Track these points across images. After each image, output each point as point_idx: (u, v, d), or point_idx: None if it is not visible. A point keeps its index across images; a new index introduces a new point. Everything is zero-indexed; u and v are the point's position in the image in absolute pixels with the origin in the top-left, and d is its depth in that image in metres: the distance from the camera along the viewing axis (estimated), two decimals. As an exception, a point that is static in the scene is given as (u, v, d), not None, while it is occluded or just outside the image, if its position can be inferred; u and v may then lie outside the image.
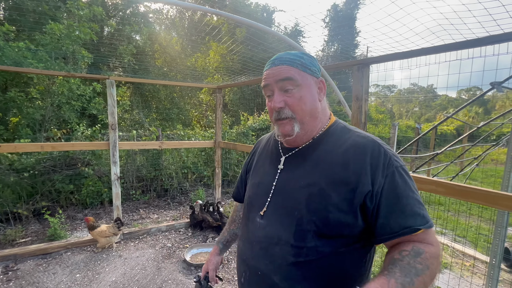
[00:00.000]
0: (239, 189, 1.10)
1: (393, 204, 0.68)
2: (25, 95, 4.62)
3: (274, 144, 0.93)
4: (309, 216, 0.73)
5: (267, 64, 0.83)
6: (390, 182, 0.69)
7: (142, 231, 3.55)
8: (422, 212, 0.68)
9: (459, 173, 6.31)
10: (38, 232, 3.56)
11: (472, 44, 1.52)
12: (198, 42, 10.16)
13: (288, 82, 0.77)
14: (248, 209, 0.90)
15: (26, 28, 5.23)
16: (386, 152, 0.73)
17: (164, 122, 8.28)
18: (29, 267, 2.78)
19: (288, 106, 0.78)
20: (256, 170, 0.95)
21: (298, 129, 0.79)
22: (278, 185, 0.82)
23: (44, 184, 4.00)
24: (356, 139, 0.77)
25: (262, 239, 0.80)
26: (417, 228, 0.66)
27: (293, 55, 0.80)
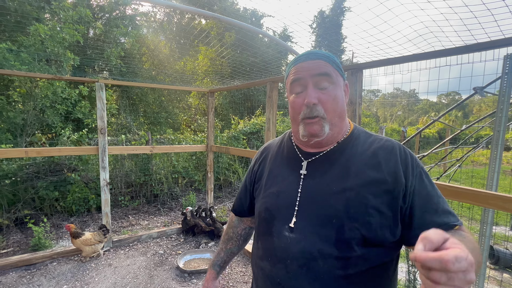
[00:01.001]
0: (242, 201, 0.98)
1: (426, 203, 0.68)
2: (5, 98, 4.42)
3: (290, 149, 0.86)
4: (351, 223, 0.67)
5: (298, 58, 0.77)
6: (419, 182, 0.70)
7: (132, 238, 3.44)
8: (452, 211, 0.70)
9: (443, 175, 6.55)
10: (20, 242, 3.38)
11: (453, 52, 1.59)
12: (186, 46, 10.09)
13: (325, 78, 0.74)
14: (267, 223, 0.79)
15: (7, 29, 5.03)
16: (411, 153, 0.74)
17: (153, 126, 8.13)
18: (12, 279, 2.63)
19: (322, 104, 0.73)
20: (271, 178, 0.84)
21: (328, 130, 0.74)
22: (306, 193, 0.75)
23: (26, 191, 3.82)
24: (381, 141, 0.76)
25: (298, 255, 0.71)
26: (453, 224, 0.67)
27: (327, 53, 0.77)
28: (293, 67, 0.78)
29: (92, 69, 6.83)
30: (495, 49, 1.50)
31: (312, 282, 0.69)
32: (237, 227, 1.04)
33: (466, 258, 0.40)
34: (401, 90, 41.44)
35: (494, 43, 1.43)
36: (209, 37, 9.64)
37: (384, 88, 52.09)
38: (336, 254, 0.68)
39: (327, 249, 0.68)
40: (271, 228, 0.78)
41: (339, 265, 0.68)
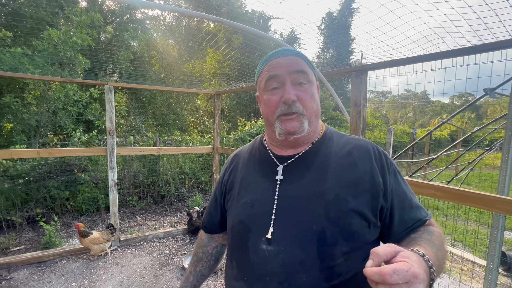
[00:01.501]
0: (213, 216, 0.89)
1: (403, 200, 0.70)
2: (20, 100, 4.58)
3: (263, 154, 0.80)
4: (332, 228, 0.64)
5: (273, 54, 0.74)
6: (395, 180, 0.71)
7: (139, 238, 3.50)
8: (420, 204, 0.73)
9: (454, 178, 6.38)
10: (32, 240, 3.49)
11: (467, 51, 1.57)
12: (195, 48, 10.22)
13: (302, 75, 0.71)
14: (242, 237, 0.72)
15: (23, 34, 5.22)
16: (384, 152, 0.75)
17: (161, 127, 8.26)
18: (23, 276, 2.71)
19: (300, 101, 0.70)
20: (244, 187, 0.77)
21: (307, 126, 0.72)
22: (283, 200, 0.69)
23: (39, 190, 3.94)
24: (354, 141, 0.76)
25: (278, 270, 0.64)
26: (425, 219, 0.70)
27: (300, 51, 0.76)
28: (268, 64, 0.73)
29: (103, 72, 7.00)
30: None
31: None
32: (207, 246, 0.94)
33: (408, 270, 0.42)
34: (411, 92, 40.69)
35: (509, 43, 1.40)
36: (217, 39, 9.73)
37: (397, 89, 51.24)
38: (319, 264, 0.63)
39: (309, 260, 0.63)
40: (247, 242, 0.70)
41: (323, 277, 0.63)
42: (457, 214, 5.23)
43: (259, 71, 0.77)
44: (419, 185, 1.76)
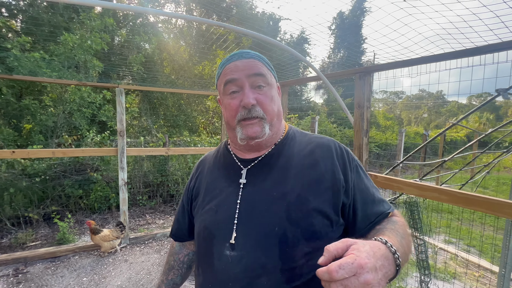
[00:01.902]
0: (180, 223, 0.88)
1: (365, 196, 0.71)
2: (38, 102, 4.80)
3: (227, 158, 0.80)
4: (293, 229, 0.64)
5: (231, 57, 0.73)
6: (357, 176, 0.72)
7: (147, 236, 3.59)
8: (383, 198, 0.73)
9: (469, 181, 6.17)
10: (47, 236, 3.65)
11: (481, 51, 1.52)
12: (205, 50, 10.37)
13: (261, 78, 0.70)
14: (207, 244, 0.71)
15: (41, 39, 5.47)
16: (345, 148, 0.75)
17: (171, 128, 8.42)
18: (38, 270, 2.85)
19: (260, 104, 0.70)
20: (209, 192, 0.77)
21: (268, 131, 0.71)
22: (246, 203, 0.69)
23: (54, 189, 4.12)
24: (316, 139, 0.76)
25: (241, 275, 0.64)
26: (388, 212, 0.70)
27: (258, 53, 0.74)
28: (226, 67, 0.72)
29: (117, 74, 7.22)
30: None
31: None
32: (179, 254, 0.92)
33: (353, 262, 0.42)
34: (426, 92, 39.56)
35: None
36: (227, 41, 9.83)
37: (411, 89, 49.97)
38: (280, 267, 0.63)
39: (271, 263, 0.63)
40: (211, 249, 0.69)
41: (284, 279, 0.63)
42: (470, 218, 5.06)
43: (218, 74, 0.76)
44: (423, 188, 1.73)
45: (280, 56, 8.32)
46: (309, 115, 7.88)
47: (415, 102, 33.56)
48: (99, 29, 5.34)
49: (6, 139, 4.27)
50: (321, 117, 8.21)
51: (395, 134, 11.41)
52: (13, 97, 4.72)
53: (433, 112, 36.86)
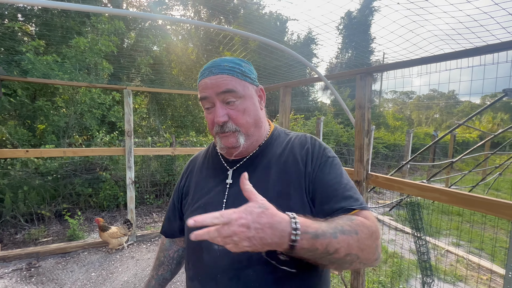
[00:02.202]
0: (171, 221, 0.92)
1: (325, 190, 0.70)
2: (51, 104, 4.97)
3: (216, 159, 0.85)
4: None
5: (203, 72, 0.75)
6: (322, 170, 0.72)
7: (154, 234, 3.68)
8: (355, 196, 0.69)
9: (480, 183, 6.03)
10: (58, 232, 3.78)
11: (495, 48, 1.48)
12: (213, 52, 10.48)
13: (230, 94, 0.72)
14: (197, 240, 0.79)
15: (54, 42, 5.66)
16: (321, 143, 0.77)
17: (179, 129, 8.55)
18: (50, 264, 2.96)
19: (232, 120, 0.73)
20: (198, 191, 0.82)
21: (243, 141, 0.75)
22: (231, 202, 0.74)
23: (65, 187, 4.26)
24: (297, 138, 0.80)
25: (228, 268, 0.69)
26: (350, 208, 0.66)
27: (231, 62, 0.74)
28: (199, 83, 0.76)
29: (127, 76, 7.40)
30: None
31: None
32: (169, 250, 0.96)
33: (231, 214, 0.52)
34: (438, 92, 38.69)
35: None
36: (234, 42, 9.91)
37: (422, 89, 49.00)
38: (264, 259, 0.66)
39: (256, 255, 0.67)
40: (201, 244, 0.74)
41: (269, 270, 0.66)
42: (480, 221, 4.95)
43: (198, 88, 0.80)
44: (424, 188, 1.73)
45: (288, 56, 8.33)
46: (315, 116, 7.86)
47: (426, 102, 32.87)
48: (109, 32, 5.50)
49: (21, 139, 4.45)
50: (328, 117, 8.17)
51: (404, 135, 11.24)
52: (28, 99, 4.91)
53: (445, 113, 36.02)
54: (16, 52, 4.71)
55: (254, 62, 6.69)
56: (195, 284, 0.76)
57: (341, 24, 15.02)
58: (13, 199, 3.82)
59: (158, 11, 8.73)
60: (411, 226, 2.15)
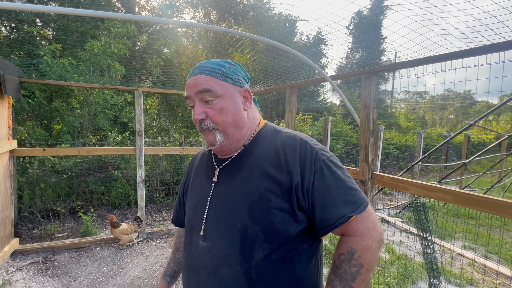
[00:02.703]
0: (179, 212, 1.00)
1: (325, 197, 0.69)
2: (67, 105, 5.17)
3: (209, 158, 0.88)
4: (254, 226, 0.70)
5: (189, 74, 0.80)
6: (319, 177, 0.70)
7: (163, 231, 3.77)
8: (353, 198, 0.70)
9: (495, 185, 5.84)
10: (73, 228, 3.93)
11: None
12: (222, 53, 10.60)
13: (207, 94, 0.75)
14: (189, 233, 0.82)
15: (70, 46, 5.89)
16: (312, 148, 0.74)
17: (189, 129, 8.69)
18: (64, 258, 3.09)
19: (209, 118, 0.76)
20: (193, 188, 0.87)
21: (221, 139, 0.77)
22: (215, 200, 0.77)
23: (79, 185, 4.42)
24: (285, 139, 0.77)
25: (208, 264, 0.73)
26: (349, 216, 0.68)
27: (213, 64, 0.77)
28: (186, 83, 0.80)
29: (138, 77, 7.60)
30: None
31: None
32: (182, 237, 1.03)
33: None
34: (453, 92, 37.57)
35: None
36: (243, 45, 9.99)
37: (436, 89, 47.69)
38: (240, 259, 0.70)
39: (233, 255, 0.70)
40: (191, 238, 0.80)
41: (242, 271, 0.69)
42: (495, 224, 4.80)
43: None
44: (428, 188, 1.72)
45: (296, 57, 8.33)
46: (324, 117, 7.82)
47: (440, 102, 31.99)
48: (121, 36, 5.67)
49: (38, 138, 4.65)
50: (337, 118, 8.11)
51: (415, 136, 11.01)
52: (45, 100, 5.13)
53: (460, 113, 34.94)
54: (34, 55, 4.94)
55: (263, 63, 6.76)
56: (184, 274, 0.83)
57: (351, 24, 14.86)
58: (31, 196, 4.01)
59: (169, 14, 8.91)
60: (417, 226, 2.13)
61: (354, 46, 14.61)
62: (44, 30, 6.33)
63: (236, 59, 9.34)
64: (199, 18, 10.82)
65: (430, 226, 2.11)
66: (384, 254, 3.43)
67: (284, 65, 8.72)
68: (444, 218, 4.80)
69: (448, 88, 36.23)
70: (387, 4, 14.42)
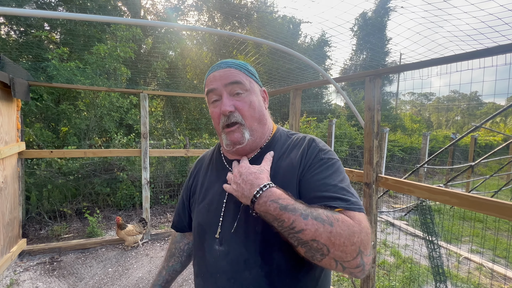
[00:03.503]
0: (181, 217, 0.95)
1: (314, 187, 0.67)
2: (73, 107, 5.26)
3: (218, 160, 0.87)
4: (271, 228, 0.67)
5: (211, 68, 0.79)
6: (316, 170, 0.70)
7: (167, 233, 3.79)
8: (346, 197, 0.64)
9: (503, 188, 5.75)
10: (79, 229, 3.98)
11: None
12: (226, 56, 10.67)
13: (237, 86, 0.75)
14: (200, 238, 0.79)
15: (77, 49, 5.99)
16: (317, 145, 0.75)
17: (193, 131, 8.74)
18: (70, 259, 3.13)
19: (238, 111, 0.75)
20: (203, 192, 0.85)
21: (249, 136, 0.76)
22: (231, 202, 0.76)
23: (85, 186, 4.48)
24: (297, 140, 0.79)
25: (227, 268, 0.72)
26: (332, 206, 0.63)
27: (238, 61, 0.79)
28: (207, 78, 0.79)
29: (144, 80, 7.69)
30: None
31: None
32: (180, 242, 0.99)
33: (235, 175, 0.72)
34: (459, 93, 37.12)
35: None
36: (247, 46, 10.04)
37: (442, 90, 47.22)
38: (260, 263, 0.69)
39: (252, 258, 0.69)
40: (203, 243, 0.77)
41: (264, 273, 0.69)
42: (503, 228, 4.72)
43: (204, 85, 0.82)
44: (433, 191, 1.71)
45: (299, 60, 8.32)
46: (328, 118, 7.80)
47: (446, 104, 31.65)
48: (127, 39, 5.75)
49: (46, 140, 4.73)
50: (341, 119, 8.08)
51: (421, 137, 10.89)
52: (52, 103, 5.22)
53: (466, 115, 34.49)
54: (42, 59, 5.03)
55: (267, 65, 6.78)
56: (199, 280, 0.80)
57: (355, 25, 14.83)
58: (38, 197, 4.07)
59: (174, 17, 9.01)
60: (422, 229, 2.11)
61: (359, 47, 14.57)
62: (52, 34, 6.45)
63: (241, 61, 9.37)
64: (203, 21, 10.91)
65: (436, 229, 2.09)
66: (390, 257, 3.40)
67: (288, 67, 8.73)
68: (451, 221, 4.73)
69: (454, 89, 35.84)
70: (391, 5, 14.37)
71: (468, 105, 33.36)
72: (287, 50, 1.94)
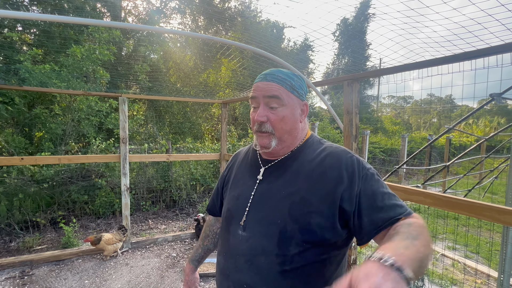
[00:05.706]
0: (215, 202, 1.09)
1: (372, 202, 0.74)
2: (49, 111, 5.02)
3: (253, 156, 0.96)
4: (292, 224, 0.76)
5: (259, 77, 0.87)
6: (365, 184, 0.76)
7: (149, 240, 3.68)
8: (400, 203, 0.74)
9: (476, 186, 6.04)
10: (53, 239, 3.77)
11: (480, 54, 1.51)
12: (210, 59, 10.60)
13: (274, 100, 0.82)
14: (227, 223, 0.90)
15: (53, 51, 5.74)
16: (358, 159, 0.81)
17: (177, 135, 8.58)
18: (43, 272, 2.96)
19: (270, 122, 0.83)
20: (235, 182, 0.96)
21: (275, 144, 0.84)
22: (258, 196, 0.85)
23: (61, 194, 4.27)
24: (330, 149, 0.85)
25: (246, 252, 0.81)
26: (398, 217, 0.70)
27: (285, 75, 0.84)
28: (254, 84, 0.88)
29: (125, 83, 7.47)
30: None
31: (254, 276, 0.79)
32: (213, 226, 1.14)
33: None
34: (435, 96, 38.95)
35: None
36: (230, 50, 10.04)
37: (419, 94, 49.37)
38: (276, 252, 0.77)
39: (270, 247, 0.78)
40: (230, 227, 0.88)
41: (277, 262, 0.76)
42: (477, 225, 4.96)
43: (252, 87, 0.91)
44: (409, 191, 1.76)
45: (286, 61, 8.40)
46: (311, 121, 7.92)
47: (424, 106, 33.10)
48: (106, 41, 5.58)
49: (18, 146, 4.47)
50: (324, 122, 8.23)
51: (399, 141, 11.30)
52: (25, 107, 4.95)
53: (442, 117, 36.21)
54: (14, 61, 4.78)
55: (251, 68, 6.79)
56: (220, 258, 0.91)
57: (337, 31, 15.24)
58: (8, 207, 3.83)
59: (157, 20, 8.86)
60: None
61: (340, 52, 14.95)
62: (25, 35, 6.15)
63: (224, 64, 9.35)
64: (186, 24, 10.81)
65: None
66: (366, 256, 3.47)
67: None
68: (429, 220, 4.91)
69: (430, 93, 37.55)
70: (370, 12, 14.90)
71: (443, 107, 35.03)
72: (268, 55, 1.96)
